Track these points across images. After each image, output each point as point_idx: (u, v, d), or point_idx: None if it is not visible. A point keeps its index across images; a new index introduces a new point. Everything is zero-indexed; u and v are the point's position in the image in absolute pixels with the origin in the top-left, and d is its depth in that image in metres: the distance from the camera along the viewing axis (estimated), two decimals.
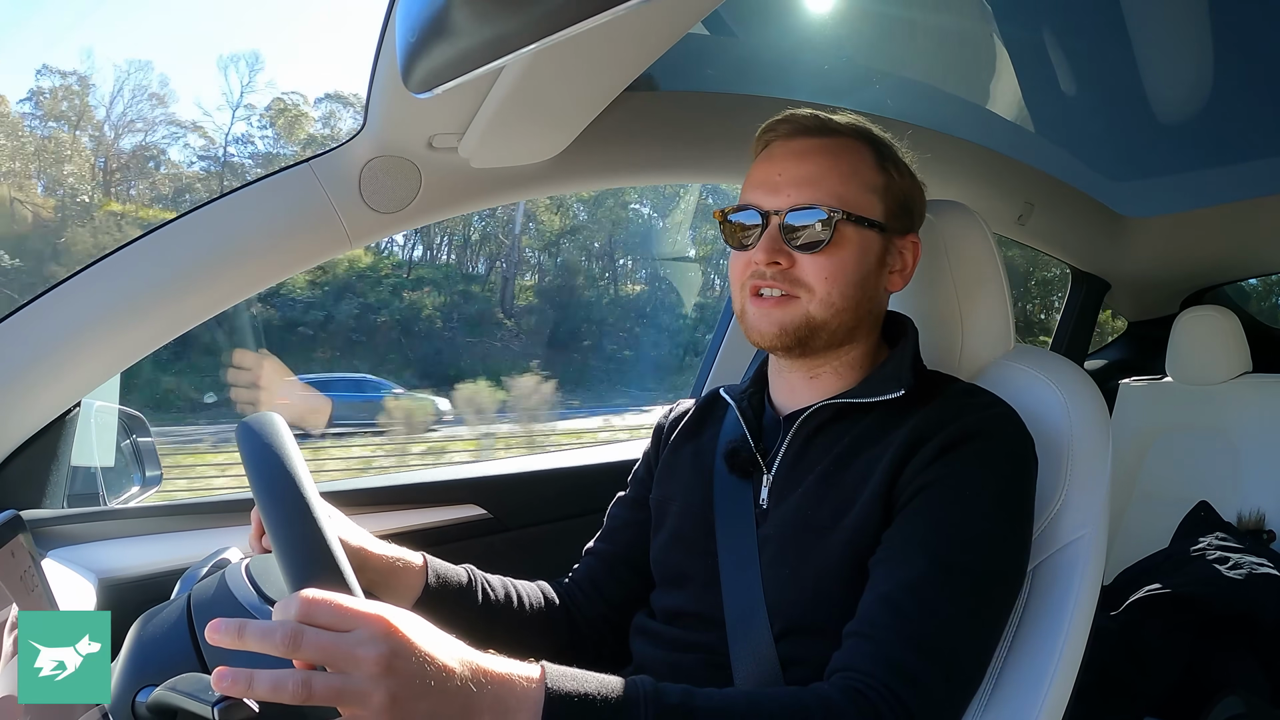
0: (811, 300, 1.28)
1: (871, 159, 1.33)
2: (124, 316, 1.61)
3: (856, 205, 1.29)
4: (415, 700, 0.82)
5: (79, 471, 1.78)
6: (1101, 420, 1.36)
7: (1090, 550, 1.28)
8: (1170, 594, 2.21)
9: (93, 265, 1.60)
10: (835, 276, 1.28)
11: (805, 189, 1.28)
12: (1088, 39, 2.49)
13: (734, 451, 1.39)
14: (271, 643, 0.81)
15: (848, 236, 1.28)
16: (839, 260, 1.28)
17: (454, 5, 0.71)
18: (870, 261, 1.31)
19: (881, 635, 1.09)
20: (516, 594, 1.43)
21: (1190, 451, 3.14)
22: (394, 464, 13.03)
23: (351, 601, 0.85)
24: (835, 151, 1.31)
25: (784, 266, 1.28)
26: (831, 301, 1.28)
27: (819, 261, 1.27)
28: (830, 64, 2.40)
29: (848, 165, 1.30)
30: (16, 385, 1.56)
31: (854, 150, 1.32)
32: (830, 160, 1.30)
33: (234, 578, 1.19)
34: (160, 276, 1.62)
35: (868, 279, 1.31)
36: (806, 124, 1.33)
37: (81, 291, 1.58)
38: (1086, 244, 3.44)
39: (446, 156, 1.72)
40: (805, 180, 1.29)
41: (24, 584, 0.95)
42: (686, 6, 1.26)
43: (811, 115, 1.33)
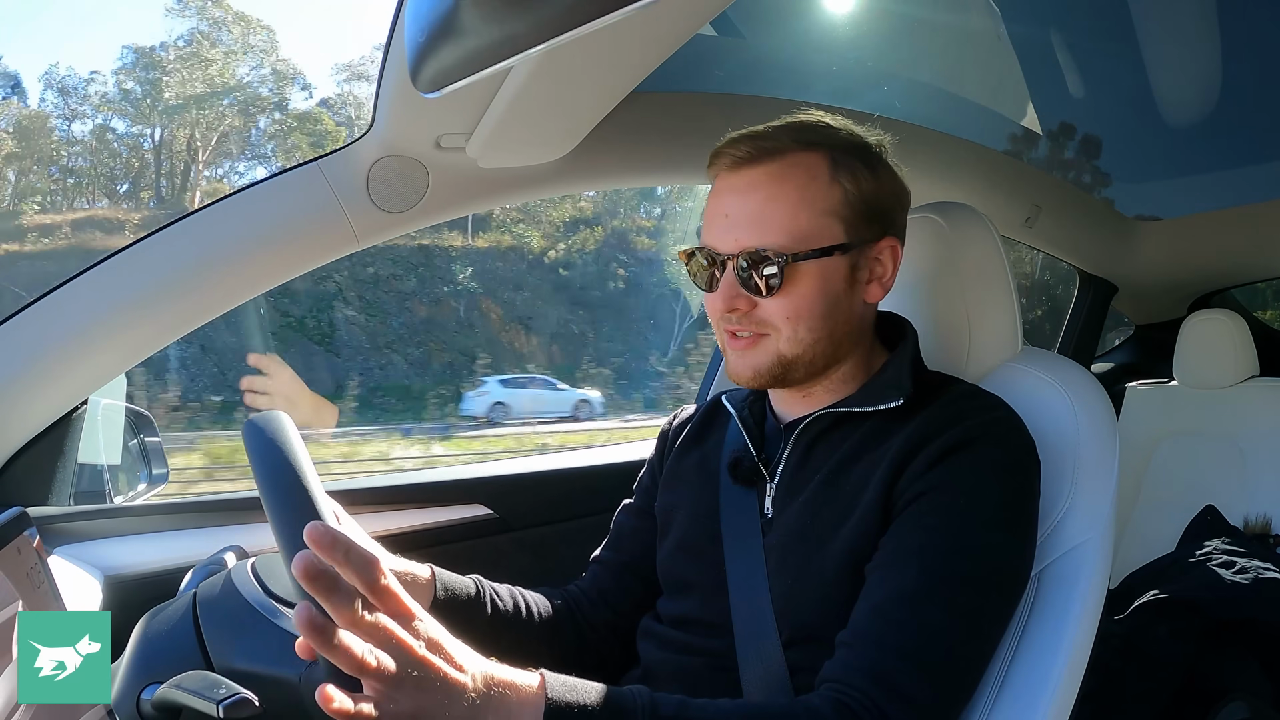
0: (779, 339, 1.26)
1: (824, 172, 1.24)
2: (131, 314, 1.61)
3: (809, 236, 1.23)
4: (428, 704, 0.83)
5: (85, 469, 1.78)
6: (1108, 424, 1.35)
7: (1096, 554, 1.27)
8: (1175, 598, 2.20)
9: (100, 263, 1.60)
10: (798, 314, 1.24)
11: (753, 230, 1.23)
12: (1096, 41, 2.49)
13: (737, 461, 1.38)
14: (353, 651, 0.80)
15: (804, 271, 1.23)
16: (798, 297, 1.23)
17: (463, 5, 0.71)
18: (836, 287, 1.26)
19: (868, 646, 1.09)
20: (524, 603, 1.43)
21: (1197, 456, 3.13)
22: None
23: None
24: (781, 178, 1.24)
25: (744, 310, 1.25)
26: (800, 338, 1.25)
27: (778, 302, 1.24)
28: (838, 65, 2.41)
29: (796, 193, 1.23)
30: (24, 382, 1.56)
31: (802, 169, 1.24)
32: (777, 190, 1.23)
33: (240, 576, 1.19)
34: (167, 274, 1.62)
35: (837, 304, 1.26)
36: (747, 152, 1.25)
37: (88, 289, 1.59)
38: (1094, 247, 3.43)
39: (454, 156, 1.72)
40: (751, 220, 1.23)
41: (30, 580, 0.95)
42: (694, 8, 1.26)
43: (750, 139, 1.25)
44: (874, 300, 1.33)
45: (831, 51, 2.37)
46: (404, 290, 27.20)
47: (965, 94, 2.69)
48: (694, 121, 1.99)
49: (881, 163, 1.30)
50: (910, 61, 2.49)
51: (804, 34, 2.28)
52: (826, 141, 1.26)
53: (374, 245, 1.81)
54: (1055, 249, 3.30)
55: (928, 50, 2.48)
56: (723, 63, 2.12)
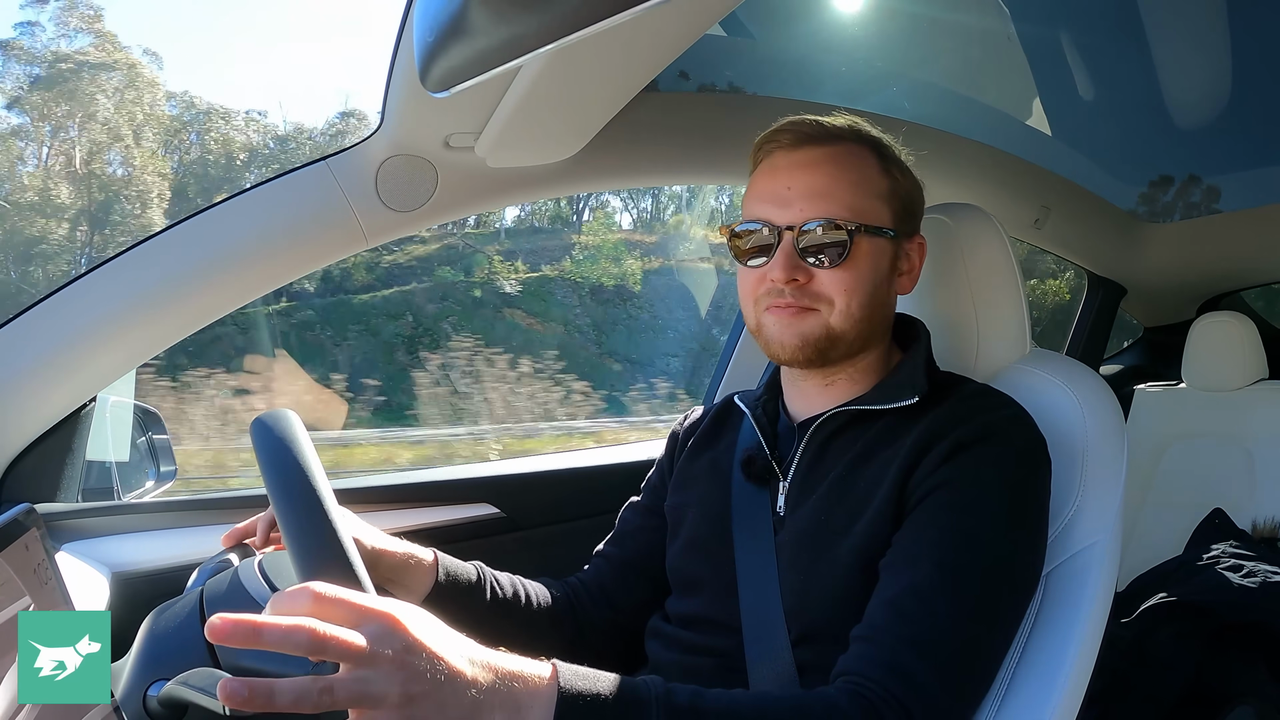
0: (832, 312, 1.28)
1: (876, 164, 1.32)
2: (139, 312, 1.62)
3: (868, 214, 1.28)
4: (427, 696, 0.81)
5: (94, 466, 1.79)
6: (1117, 427, 1.35)
7: (1104, 557, 1.27)
8: (1183, 601, 2.19)
9: (109, 261, 1.61)
10: (854, 288, 1.27)
11: (818, 202, 1.26)
12: (1106, 42, 2.48)
13: (750, 459, 1.39)
14: (294, 643, 0.77)
15: (863, 247, 1.27)
16: (856, 272, 1.27)
17: (472, 4, 0.71)
18: (883, 269, 1.31)
19: (885, 639, 1.09)
20: (524, 592, 1.44)
21: (1205, 458, 3.12)
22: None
23: (361, 598, 0.84)
24: (842, 160, 1.29)
25: (802, 283, 1.27)
26: (851, 313, 1.28)
27: (837, 275, 1.26)
28: (848, 66, 2.40)
29: (855, 173, 1.29)
30: (33, 379, 1.57)
31: (859, 156, 1.31)
32: (838, 169, 1.28)
33: (247, 573, 1.19)
34: (177, 272, 1.63)
35: (881, 287, 1.31)
36: (810, 132, 1.31)
37: (97, 287, 1.59)
38: (1103, 248, 3.43)
39: (463, 156, 1.72)
40: (816, 192, 1.27)
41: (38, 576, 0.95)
42: (703, 7, 1.26)
43: (813, 122, 1.31)
44: (902, 293, 1.38)
45: (841, 52, 2.37)
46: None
47: (974, 94, 2.69)
48: (704, 121, 1.99)
49: (909, 169, 1.37)
50: (920, 62, 2.48)
51: (813, 34, 2.28)
52: (872, 139, 1.34)
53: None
54: (1064, 250, 3.30)
55: (937, 51, 2.47)
56: (733, 63, 2.12)
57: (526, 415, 12.90)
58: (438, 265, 23.86)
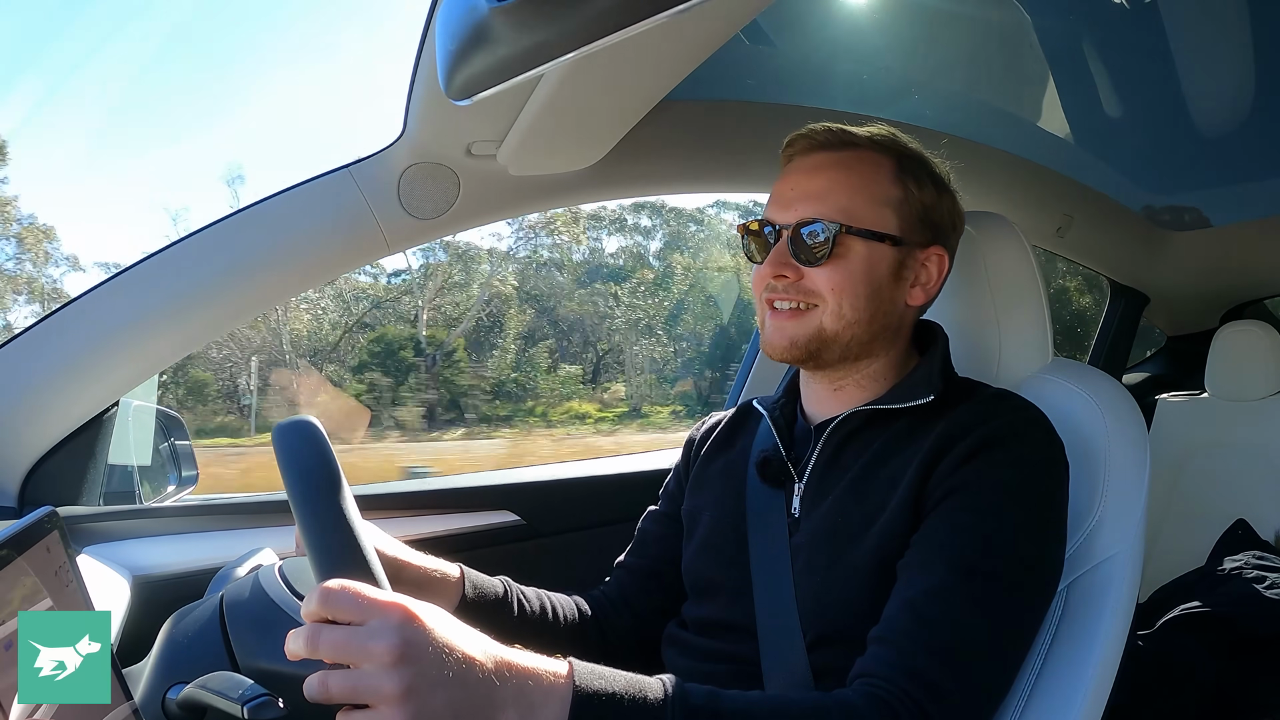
0: (824, 312, 1.30)
1: (889, 172, 1.32)
2: (162, 318, 1.63)
3: (863, 218, 1.29)
4: (432, 691, 0.81)
5: (115, 470, 1.80)
6: (1139, 437, 1.35)
7: (1126, 568, 1.26)
8: (1206, 613, 2.18)
9: (133, 267, 1.62)
10: (843, 288, 1.29)
11: (812, 203, 1.29)
12: (1129, 50, 2.47)
13: (766, 461, 1.39)
14: (296, 644, 0.83)
15: (852, 249, 1.28)
16: (846, 272, 1.28)
17: (494, 14, 0.72)
18: (881, 274, 1.31)
19: (903, 642, 1.09)
20: (551, 606, 1.44)
21: (1228, 468, 3.10)
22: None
23: (370, 591, 0.84)
24: (849, 165, 1.32)
25: (791, 279, 1.30)
26: (842, 313, 1.29)
27: (825, 273, 1.28)
28: (869, 74, 2.40)
29: (859, 178, 1.31)
30: (56, 383, 1.58)
31: (870, 163, 1.32)
32: (840, 173, 1.31)
33: (267, 578, 1.20)
34: (200, 279, 1.64)
35: (880, 291, 1.31)
36: (822, 139, 1.34)
37: (121, 293, 1.61)
38: (1126, 257, 3.41)
39: (485, 164, 1.72)
40: (813, 195, 1.30)
41: (59, 579, 0.95)
42: (724, 15, 1.26)
43: (827, 130, 1.34)
44: (916, 304, 1.37)
45: (862, 60, 2.36)
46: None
47: (996, 103, 2.68)
48: (724, 130, 1.99)
49: (946, 187, 1.38)
50: (941, 70, 2.47)
51: (834, 42, 2.28)
52: (895, 148, 1.35)
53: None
54: (1087, 259, 3.29)
55: (959, 59, 2.46)
56: (754, 72, 2.12)
57: None
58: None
